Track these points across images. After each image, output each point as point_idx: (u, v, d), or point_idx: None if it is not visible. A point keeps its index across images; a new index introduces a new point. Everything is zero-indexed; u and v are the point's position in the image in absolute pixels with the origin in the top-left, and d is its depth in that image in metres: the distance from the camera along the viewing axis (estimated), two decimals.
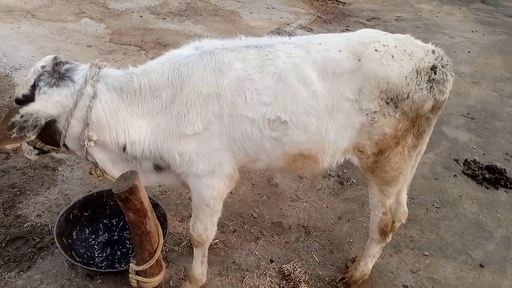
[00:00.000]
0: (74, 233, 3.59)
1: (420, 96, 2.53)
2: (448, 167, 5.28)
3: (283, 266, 3.68)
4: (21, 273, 3.33)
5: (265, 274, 3.59)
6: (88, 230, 3.71)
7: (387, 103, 2.54)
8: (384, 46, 2.54)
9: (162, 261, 2.98)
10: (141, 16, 8.32)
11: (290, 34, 8.26)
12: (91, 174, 2.78)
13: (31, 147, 2.66)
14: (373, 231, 3.20)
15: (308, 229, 4.13)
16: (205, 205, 2.85)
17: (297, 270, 3.65)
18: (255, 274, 3.58)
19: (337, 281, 3.60)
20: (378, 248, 3.33)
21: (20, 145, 2.63)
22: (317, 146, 2.64)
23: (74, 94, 2.44)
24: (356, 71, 2.52)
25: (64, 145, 2.59)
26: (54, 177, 4.33)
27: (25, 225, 3.75)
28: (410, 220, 4.32)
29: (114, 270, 3.39)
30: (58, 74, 2.45)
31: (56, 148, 2.63)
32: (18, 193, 4.09)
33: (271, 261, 3.73)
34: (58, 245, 3.26)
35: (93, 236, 3.71)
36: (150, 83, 2.53)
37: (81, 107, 2.45)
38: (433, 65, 2.60)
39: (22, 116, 2.34)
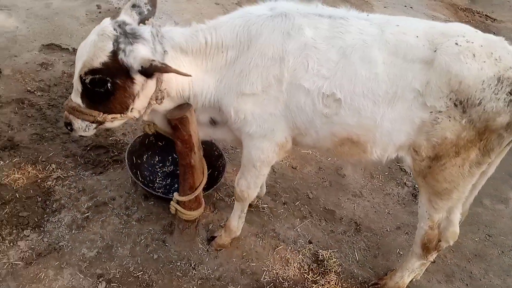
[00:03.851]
0: (144, 156, 3.96)
1: (494, 106, 2.24)
2: None
3: (320, 251, 3.64)
4: (93, 175, 3.81)
5: (298, 251, 3.59)
6: (158, 158, 4.06)
7: (455, 105, 2.31)
8: (467, 42, 2.29)
9: (202, 200, 3.17)
10: None
11: None
12: (145, 132, 2.92)
13: (87, 123, 2.60)
14: (416, 243, 2.99)
15: (360, 227, 3.99)
16: (252, 166, 2.91)
17: (332, 259, 3.58)
18: (289, 248, 3.60)
19: (369, 284, 3.45)
20: (418, 264, 3.10)
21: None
22: (367, 133, 2.51)
23: (150, 51, 2.44)
24: (428, 62, 2.32)
25: (131, 108, 2.60)
26: None
27: (110, 138, 4.24)
28: (476, 255, 3.96)
29: (166, 196, 3.68)
30: (129, 34, 2.41)
31: (118, 116, 2.58)
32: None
33: (310, 242, 3.71)
34: (126, 161, 3.63)
35: (160, 165, 4.05)
36: (218, 38, 2.57)
37: None
38: None
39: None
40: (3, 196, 3.37)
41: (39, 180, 3.59)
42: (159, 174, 4.00)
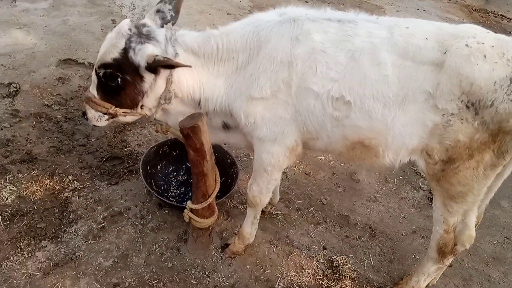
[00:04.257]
0: (159, 166, 4.03)
1: (507, 107, 2.20)
2: None
3: (334, 256, 3.61)
4: (109, 185, 3.88)
5: (313, 257, 3.58)
6: (171, 167, 4.13)
7: (467, 107, 2.28)
8: (478, 43, 2.26)
9: (215, 208, 3.19)
10: None
11: None
12: (157, 132, 3.04)
13: (100, 113, 2.77)
14: (431, 248, 2.95)
15: (375, 232, 3.95)
16: (263, 170, 2.93)
17: (347, 265, 3.56)
18: (304, 254, 3.59)
19: None
20: (434, 268, 3.05)
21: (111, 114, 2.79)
22: (379, 136, 2.50)
23: (161, 52, 2.56)
24: (439, 65, 2.30)
25: (141, 105, 2.75)
26: None
27: (125, 149, 4.33)
28: (494, 259, 3.88)
29: (180, 205, 3.71)
30: (143, 35, 2.57)
31: (129, 111, 2.74)
32: (130, 122, 4.71)
33: (324, 248, 3.69)
34: (141, 170, 3.69)
35: (174, 174, 4.11)
36: (229, 44, 2.64)
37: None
38: None
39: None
40: (21, 208, 3.47)
41: (56, 192, 3.68)
42: (173, 183, 4.05)
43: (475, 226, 2.87)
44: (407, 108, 2.40)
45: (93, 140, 4.36)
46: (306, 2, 8.55)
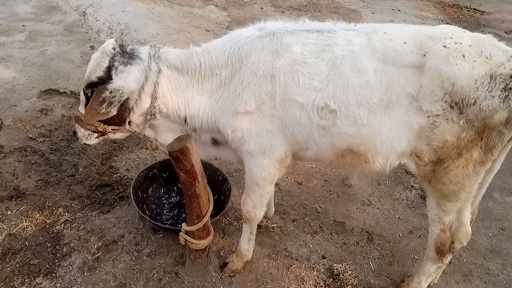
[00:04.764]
0: (150, 190, 3.98)
1: (490, 104, 2.24)
2: None
3: (334, 265, 3.59)
4: (100, 214, 3.83)
5: (313, 268, 3.56)
6: (163, 189, 4.09)
7: (452, 107, 2.31)
8: (455, 43, 2.30)
9: (211, 227, 3.15)
10: (262, 8, 8.69)
11: None
12: (147, 148, 3.06)
13: (89, 132, 2.83)
14: (429, 248, 2.96)
15: (372, 236, 3.95)
16: (255, 184, 2.93)
17: (347, 272, 3.54)
18: (303, 266, 3.57)
19: None
20: (434, 268, 3.06)
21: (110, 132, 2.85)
22: (367, 142, 2.52)
23: (144, 70, 2.65)
24: (419, 67, 2.33)
25: (129, 122, 2.83)
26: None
27: (114, 175, 4.28)
28: (492, 251, 3.89)
29: (175, 228, 3.67)
30: (127, 54, 2.67)
31: (117, 128, 2.81)
32: (117, 147, 4.67)
33: (323, 257, 3.67)
34: (132, 196, 3.65)
35: (166, 196, 4.08)
36: (211, 61, 2.68)
37: (150, 83, 2.68)
38: None
39: (111, 92, 2.59)
40: (13, 246, 3.40)
41: (47, 226, 3.61)
42: (165, 205, 4.01)
43: (471, 223, 2.89)
44: (393, 112, 2.42)
45: (81, 169, 4.31)
46: (283, 12, 8.63)
